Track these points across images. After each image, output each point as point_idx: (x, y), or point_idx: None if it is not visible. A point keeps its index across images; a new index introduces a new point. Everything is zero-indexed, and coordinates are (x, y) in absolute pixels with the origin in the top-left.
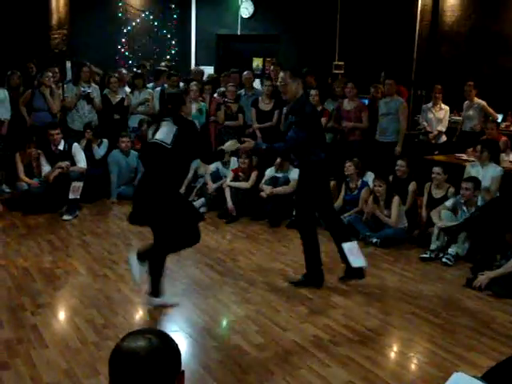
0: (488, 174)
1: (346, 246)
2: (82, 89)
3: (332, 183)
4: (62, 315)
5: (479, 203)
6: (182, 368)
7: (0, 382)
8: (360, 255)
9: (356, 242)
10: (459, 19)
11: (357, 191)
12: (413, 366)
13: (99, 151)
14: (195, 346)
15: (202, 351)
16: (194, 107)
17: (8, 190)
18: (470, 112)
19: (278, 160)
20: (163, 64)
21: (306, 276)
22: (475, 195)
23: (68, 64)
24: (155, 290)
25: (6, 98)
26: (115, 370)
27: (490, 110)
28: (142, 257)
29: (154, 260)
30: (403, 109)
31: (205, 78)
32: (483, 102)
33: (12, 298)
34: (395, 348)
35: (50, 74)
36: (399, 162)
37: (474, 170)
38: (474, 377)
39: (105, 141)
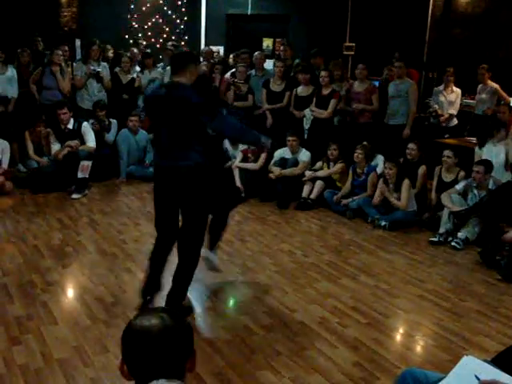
0: (502, 149)
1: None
2: (92, 67)
3: (341, 165)
4: (71, 293)
5: (490, 186)
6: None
7: (11, 357)
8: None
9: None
10: (473, 1)
11: (364, 176)
12: (420, 349)
13: (110, 136)
14: (203, 326)
15: (210, 331)
16: None
17: (24, 170)
18: (483, 95)
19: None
20: (170, 43)
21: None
22: (486, 178)
23: (77, 42)
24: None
25: (14, 76)
26: (128, 347)
27: (503, 94)
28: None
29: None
30: (413, 91)
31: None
32: (496, 86)
33: (22, 275)
34: (403, 331)
35: (60, 53)
36: (410, 145)
37: (486, 148)
38: (483, 361)
39: (113, 122)
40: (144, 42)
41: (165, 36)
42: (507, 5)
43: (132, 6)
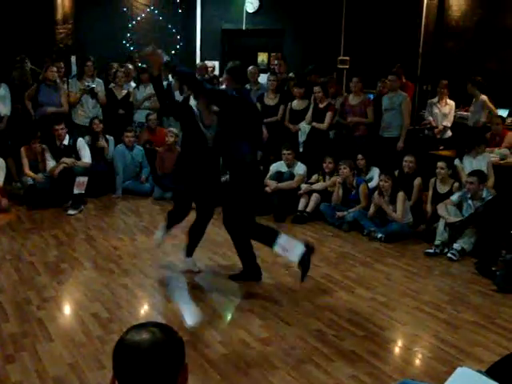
0: (482, 163)
1: (278, 244)
2: (86, 83)
3: (335, 178)
4: (67, 309)
5: (484, 195)
6: (186, 361)
7: (6, 375)
8: (293, 246)
9: (282, 235)
10: (465, 14)
11: (354, 190)
12: (417, 361)
13: (108, 153)
14: (199, 340)
15: (206, 345)
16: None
17: (20, 186)
18: (472, 107)
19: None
20: (165, 59)
21: (243, 272)
22: (480, 189)
23: (73, 59)
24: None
25: (7, 94)
26: (119, 362)
27: (490, 105)
28: None
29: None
30: (406, 104)
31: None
32: (485, 97)
33: (17, 292)
34: (400, 343)
35: (55, 69)
36: (408, 158)
37: (467, 161)
38: (477, 371)
39: (110, 138)
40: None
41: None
42: (499, 17)
43: (128, 22)
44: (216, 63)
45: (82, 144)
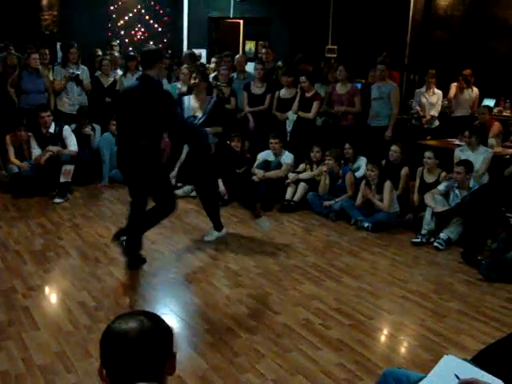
0: (479, 158)
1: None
2: (71, 70)
3: (322, 168)
4: (53, 298)
5: (471, 185)
6: (174, 350)
7: None
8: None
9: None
10: (453, 3)
11: (341, 180)
12: (403, 349)
13: (95, 142)
14: (187, 329)
15: (193, 334)
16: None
17: (6, 174)
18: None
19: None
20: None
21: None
22: (467, 178)
23: (58, 46)
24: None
25: None
26: (106, 351)
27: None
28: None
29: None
30: (395, 93)
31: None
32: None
33: (3, 281)
34: (386, 331)
35: (37, 56)
36: (393, 148)
37: (464, 154)
38: (463, 359)
39: (97, 127)
40: (116, 43)
41: (146, 38)
42: (487, 7)
43: (114, 9)
44: (203, 51)
45: (69, 132)
